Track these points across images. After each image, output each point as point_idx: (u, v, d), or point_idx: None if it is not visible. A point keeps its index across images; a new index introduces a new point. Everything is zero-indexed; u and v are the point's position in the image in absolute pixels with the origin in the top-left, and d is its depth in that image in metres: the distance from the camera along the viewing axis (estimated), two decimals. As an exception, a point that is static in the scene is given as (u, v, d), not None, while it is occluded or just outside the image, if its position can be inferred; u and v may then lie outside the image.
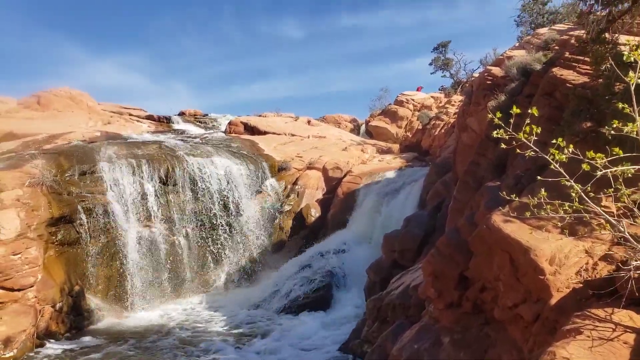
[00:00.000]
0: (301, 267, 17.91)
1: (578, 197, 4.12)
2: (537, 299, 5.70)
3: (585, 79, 8.25)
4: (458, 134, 14.60)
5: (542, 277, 5.46)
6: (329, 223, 20.51)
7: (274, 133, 27.33)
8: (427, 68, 43.63)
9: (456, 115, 23.31)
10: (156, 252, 17.64)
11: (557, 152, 3.95)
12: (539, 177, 4.61)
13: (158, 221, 18.10)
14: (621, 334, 4.04)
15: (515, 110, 4.07)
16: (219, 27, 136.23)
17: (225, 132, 28.95)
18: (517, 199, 5.02)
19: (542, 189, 4.48)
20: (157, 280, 17.47)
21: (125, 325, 15.36)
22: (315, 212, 21.13)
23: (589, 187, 4.05)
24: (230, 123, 29.64)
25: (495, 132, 4.25)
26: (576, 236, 5.35)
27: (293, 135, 27.23)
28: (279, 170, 21.97)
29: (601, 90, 6.88)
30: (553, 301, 5.35)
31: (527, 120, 3.97)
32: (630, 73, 3.72)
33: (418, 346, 7.55)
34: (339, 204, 20.82)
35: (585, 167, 3.84)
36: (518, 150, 4.21)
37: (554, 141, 4.01)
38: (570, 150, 3.81)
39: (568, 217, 4.39)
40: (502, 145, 4.37)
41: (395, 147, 29.49)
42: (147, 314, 16.28)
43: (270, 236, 20.40)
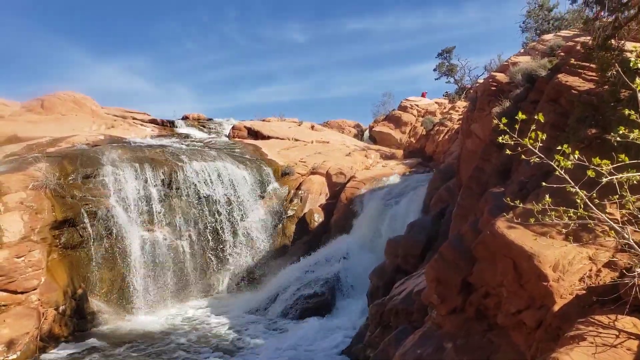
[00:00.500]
0: (304, 272, 17.90)
1: (583, 204, 4.11)
2: (540, 305, 5.69)
3: (591, 85, 8.25)
4: (462, 140, 14.60)
5: (546, 283, 5.45)
6: (332, 228, 20.50)
7: (277, 138, 27.37)
8: (431, 73, 43.73)
9: (460, 122, 23.33)
10: (159, 256, 17.65)
11: (562, 158, 3.95)
12: (544, 183, 4.61)
13: (161, 225, 18.13)
14: (624, 341, 4.03)
15: (520, 116, 4.07)
16: (223, 31, 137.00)
17: (228, 136, 29.02)
18: (521, 205, 5.02)
19: (547, 195, 4.48)
20: (159, 284, 17.47)
21: (128, 328, 15.36)
22: (318, 217, 21.13)
23: (594, 193, 4.04)
24: (233, 127, 29.72)
25: (500, 137, 4.25)
26: (580, 243, 5.34)
27: (297, 140, 27.27)
28: (282, 175, 21.99)
29: (607, 96, 6.88)
30: (556, 308, 5.33)
31: (533, 126, 3.97)
32: (637, 80, 3.74)
33: (421, 351, 7.52)
34: (342, 209, 20.81)
35: (590, 173, 3.85)
36: (523, 156, 4.22)
37: (559, 147, 4.02)
38: (576, 156, 3.81)
39: (572, 224, 4.39)
40: (507, 151, 4.38)
41: (399, 152, 29.47)
42: (149, 318, 16.27)
43: (273, 241, 20.40)
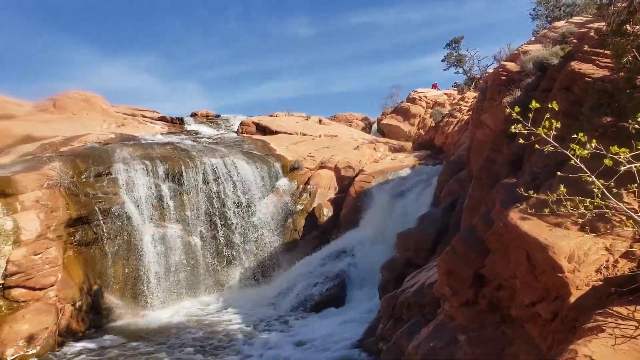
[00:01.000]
0: (314, 266, 17.95)
1: (600, 193, 4.05)
2: (555, 297, 5.62)
3: (605, 72, 8.11)
4: (472, 131, 14.49)
5: (561, 274, 5.39)
6: (342, 222, 20.49)
7: (285, 133, 27.35)
8: (439, 65, 43.44)
9: (470, 112, 23.15)
10: (171, 251, 17.79)
11: (578, 147, 3.89)
12: (559, 173, 4.54)
13: (173, 221, 18.27)
14: (644, 332, 3.97)
15: (534, 104, 4.02)
16: (227, 28, 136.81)
17: (237, 132, 29.05)
18: (535, 195, 4.96)
19: (562, 185, 4.42)
20: (172, 279, 17.62)
21: (143, 323, 15.53)
22: (327, 212, 21.13)
23: (612, 182, 3.98)
24: (242, 123, 29.73)
25: (513, 126, 4.20)
26: (597, 233, 5.27)
27: (304, 135, 27.22)
28: (291, 170, 22.00)
29: (622, 83, 6.76)
30: (572, 299, 5.27)
31: (547, 115, 3.91)
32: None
33: (434, 344, 7.51)
34: (351, 203, 20.78)
35: (607, 162, 3.78)
36: (537, 145, 4.16)
37: (574, 136, 3.95)
38: (593, 145, 3.74)
39: (589, 214, 4.32)
40: (521, 141, 4.32)
41: (408, 145, 29.31)
42: (163, 313, 16.43)
43: (283, 236, 20.44)
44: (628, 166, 3.75)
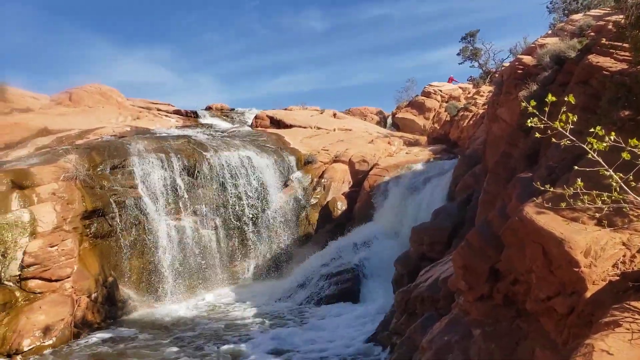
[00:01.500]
0: (328, 259, 17.98)
1: (618, 187, 4.00)
2: (571, 291, 5.58)
3: (624, 65, 7.98)
4: (488, 125, 14.37)
5: (577, 269, 5.33)
6: (356, 216, 20.49)
7: (299, 126, 27.37)
8: (454, 59, 43.07)
9: (485, 106, 22.94)
10: (186, 244, 17.96)
11: (595, 140, 3.84)
12: (576, 167, 4.49)
13: (187, 214, 18.42)
14: (662, 327, 3.92)
15: (550, 98, 3.97)
16: (243, 21, 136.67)
17: (251, 126, 29.16)
18: (551, 189, 4.91)
19: (579, 179, 4.37)
20: (187, 272, 17.79)
21: (157, 315, 15.72)
22: (341, 205, 21.14)
23: (631, 176, 3.92)
24: (256, 117, 29.82)
25: (529, 120, 4.15)
26: (614, 227, 5.21)
27: (319, 129, 27.22)
28: (305, 163, 22.04)
29: (640, 77, 6.66)
30: (589, 294, 5.23)
31: (563, 109, 3.87)
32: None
33: (448, 338, 7.49)
34: (365, 197, 20.76)
35: (625, 155, 3.73)
36: (554, 139, 4.11)
37: (592, 130, 3.90)
38: (612, 138, 3.69)
39: (606, 208, 4.27)
40: (537, 135, 4.27)
41: (423, 139, 29.14)
42: (177, 305, 16.61)
43: (297, 229, 20.52)
44: (647, 159, 3.69)
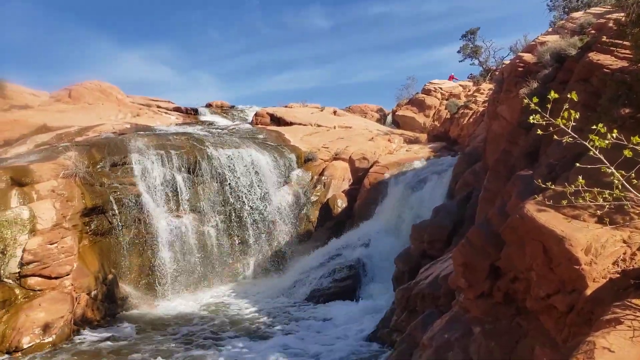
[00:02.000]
0: (328, 257, 17.99)
1: (620, 185, 3.99)
2: (571, 289, 5.57)
3: (624, 63, 7.97)
4: (488, 123, 14.36)
5: (578, 267, 5.33)
6: (356, 214, 20.49)
7: (300, 124, 27.36)
8: (455, 57, 43.01)
9: (485, 104, 22.93)
10: (186, 241, 17.96)
11: (597, 138, 3.83)
12: (578, 164, 4.48)
13: (187, 211, 18.41)
14: (663, 325, 3.91)
15: (553, 95, 3.96)
16: (245, 19, 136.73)
17: (251, 123, 29.14)
18: (552, 187, 4.91)
19: (580, 177, 4.36)
20: (187, 269, 17.79)
21: (157, 313, 15.71)
22: (341, 203, 21.13)
23: (633, 173, 3.91)
24: (256, 114, 29.80)
25: (531, 117, 4.14)
26: (614, 225, 5.20)
27: (319, 126, 27.21)
28: (305, 161, 22.02)
29: (641, 74, 6.65)
30: (589, 291, 5.22)
31: (565, 106, 3.86)
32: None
33: (448, 336, 7.50)
34: (365, 194, 20.76)
35: (627, 153, 3.72)
36: (555, 136, 4.10)
37: (594, 127, 3.89)
38: (614, 135, 3.68)
39: (608, 205, 4.26)
40: (539, 132, 4.27)
41: (423, 136, 29.16)
42: (177, 303, 16.60)
43: (297, 227, 20.51)
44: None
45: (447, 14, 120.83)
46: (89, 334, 13.64)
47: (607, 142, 3.77)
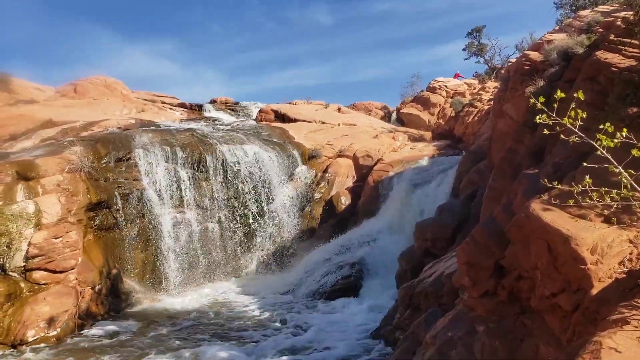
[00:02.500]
0: (332, 254, 18.00)
1: (628, 184, 3.97)
2: (577, 288, 5.56)
3: (632, 62, 7.91)
4: (494, 121, 14.31)
5: (583, 266, 5.31)
6: (360, 211, 20.48)
7: (304, 121, 27.35)
8: (460, 54, 42.94)
9: (490, 102, 22.85)
10: (190, 237, 18.01)
11: (605, 137, 3.81)
12: (585, 163, 4.46)
13: (191, 207, 18.45)
14: (670, 325, 3.89)
15: (559, 94, 3.94)
16: (249, 15, 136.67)
17: (256, 119, 29.13)
18: (559, 186, 4.89)
19: (587, 176, 4.34)
20: (190, 264, 17.85)
21: (160, 308, 15.77)
22: (345, 200, 21.13)
23: (640, 173, 3.90)
24: (260, 111, 29.80)
25: (537, 117, 4.13)
26: (622, 225, 5.18)
27: (323, 123, 27.19)
28: (309, 158, 22.02)
29: (649, 74, 6.60)
30: (594, 291, 5.21)
31: (572, 105, 3.84)
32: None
33: (452, 334, 7.49)
34: (369, 192, 20.74)
35: (635, 152, 3.70)
36: (562, 136, 4.09)
37: (602, 126, 3.87)
38: (623, 134, 3.66)
39: (615, 205, 4.24)
40: (545, 131, 4.25)
41: (427, 134, 29.08)
42: (181, 298, 16.65)
43: (300, 223, 20.53)
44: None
45: (451, 11, 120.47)
46: (93, 328, 13.70)
47: (615, 141, 3.75)
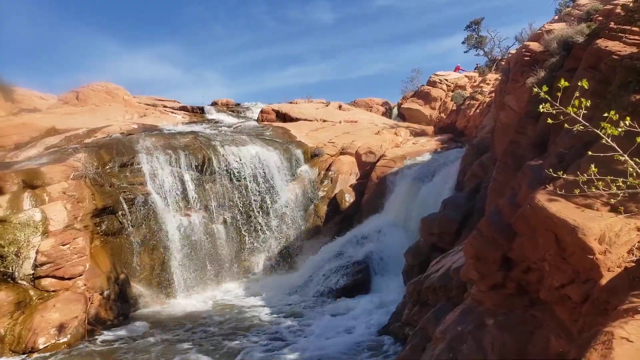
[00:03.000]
0: (337, 252, 18.00)
1: (634, 172, 3.94)
2: (586, 279, 5.53)
3: (634, 49, 7.87)
4: (496, 113, 14.27)
5: (592, 256, 5.28)
6: (364, 208, 20.46)
7: (305, 119, 27.34)
8: (460, 47, 42.78)
9: (492, 95, 22.79)
10: (196, 240, 18.02)
11: (609, 125, 3.79)
12: (590, 152, 4.44)
13: (196, 210, 18.47)
14: (682, 313, 3.86)
15: (563, 83, 3.92)
16: (250, 14, 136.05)
17: (257, 120, 29.14)
18: (564, 175, 4.86)
19: (592, 165, 4.32)
20: (197, 267, 17.87)
21: (169, 311, 15.80)
22: (349, 198, 21.11)
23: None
24: (262, 111, 29.80)
25: (541, 106, 4.11)
26: (628, 213, 5.15)
27: (325, 121, 27.18)
28: (312, 156, 22.01)
29: (651, 60, 6.57)
30: (603, 281, 5.18)
31: (576, 94, 3.82)
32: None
33: (462, 328, 7.47)
34: (373, 188, 20.73)
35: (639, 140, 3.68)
36: (566, 125, 4.07)
37: (605, 115, 3.85)
38: (627, 123, 3.64)
39: (622, 194, 4.22)
40: (549, 120, 4.23)
41: (430, 129, 29.02)
42: (188, 301, 16.70)
43: (305, 222, 20.53)
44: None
45: (451, 4, 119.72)
46: (103, 334, 13.75)
47: (620, 129, 3.73)
